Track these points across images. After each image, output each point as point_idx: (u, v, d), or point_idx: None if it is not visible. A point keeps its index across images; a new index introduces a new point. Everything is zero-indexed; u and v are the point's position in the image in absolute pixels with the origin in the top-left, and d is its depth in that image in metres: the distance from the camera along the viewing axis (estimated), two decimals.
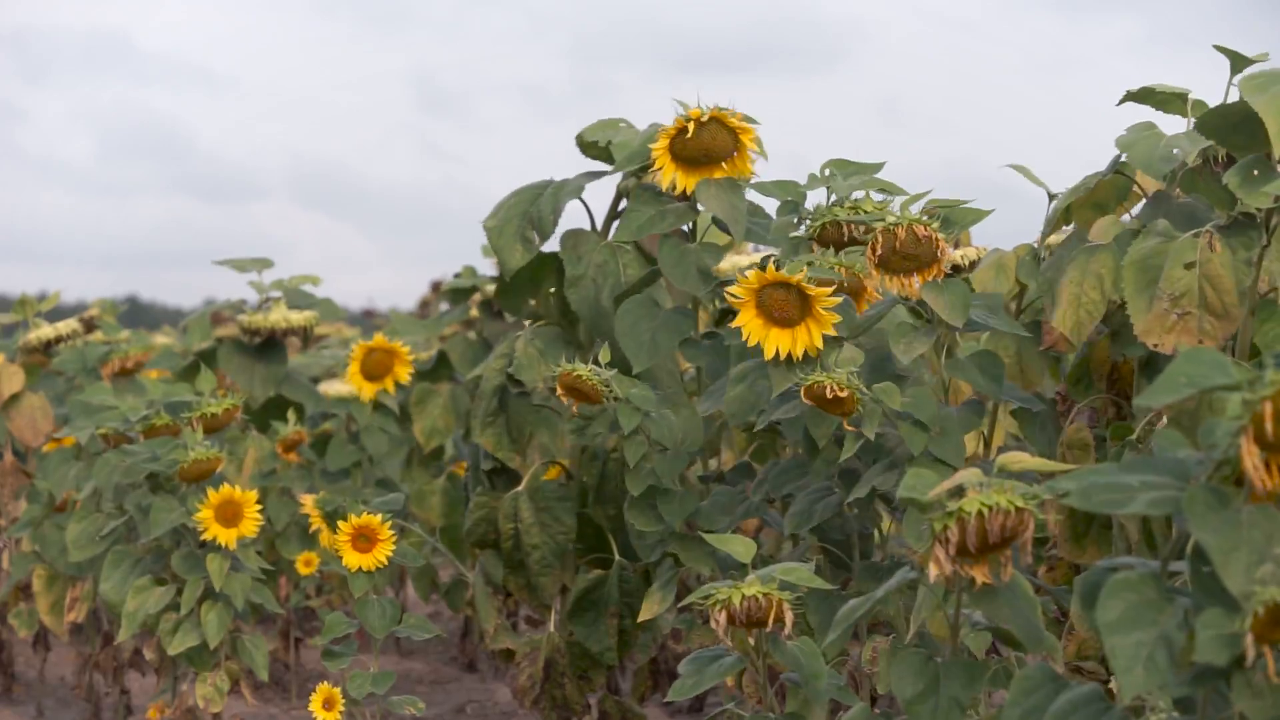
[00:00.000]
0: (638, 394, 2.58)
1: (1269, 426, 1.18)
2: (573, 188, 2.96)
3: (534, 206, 2.95)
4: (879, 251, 2.11)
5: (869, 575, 2.26)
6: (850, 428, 2.18)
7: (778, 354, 2.23)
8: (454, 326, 4.62)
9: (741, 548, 1.89)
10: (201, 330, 4.26)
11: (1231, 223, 2.02)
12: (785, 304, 2.22)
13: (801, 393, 2.14)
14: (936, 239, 2.11)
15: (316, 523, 2.88)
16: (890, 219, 2.11)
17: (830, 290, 2.20)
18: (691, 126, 2.62)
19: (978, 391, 2.23)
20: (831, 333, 2.21)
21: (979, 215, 2.31)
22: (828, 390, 2.10)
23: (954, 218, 2.29)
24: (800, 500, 2.34)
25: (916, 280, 2.13)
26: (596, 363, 2.60)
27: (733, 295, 2.24)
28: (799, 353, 2.22)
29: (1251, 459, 1.19)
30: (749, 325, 2.24)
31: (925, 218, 2.12)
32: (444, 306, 4.95)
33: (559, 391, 2.62)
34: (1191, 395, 1.23)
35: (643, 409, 2.58)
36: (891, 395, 2.11)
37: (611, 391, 2.57)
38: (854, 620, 1.71)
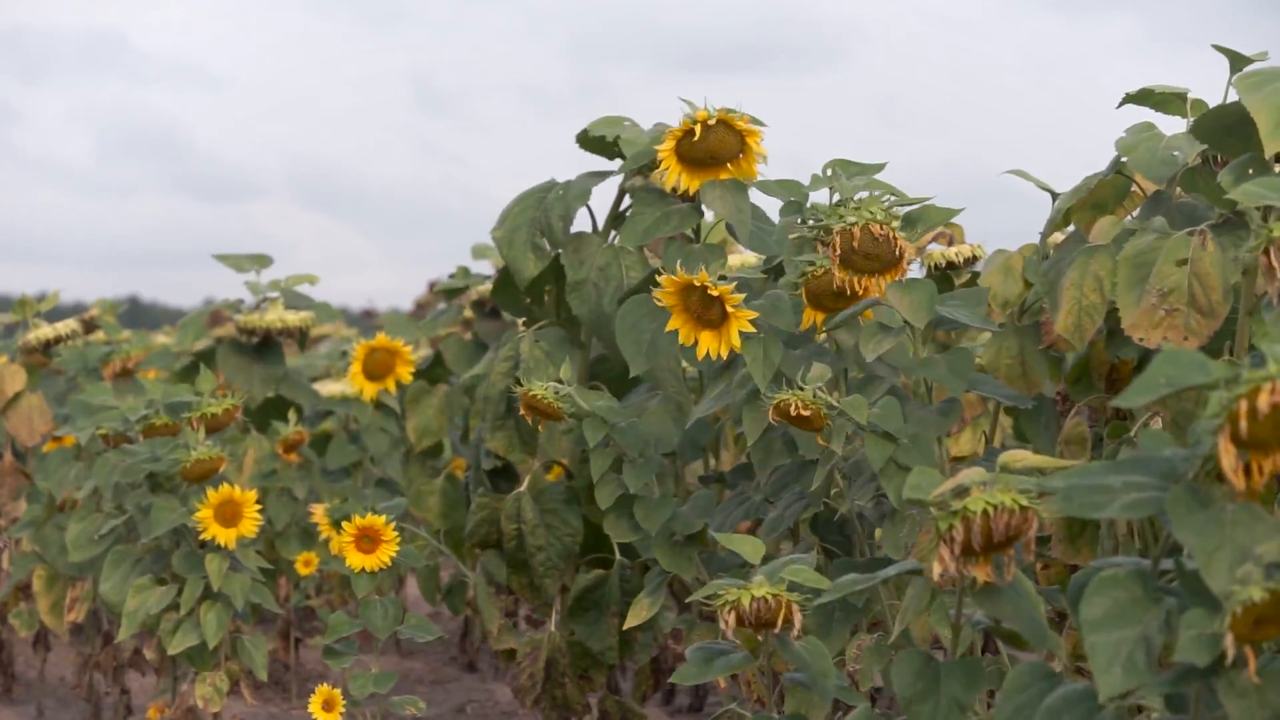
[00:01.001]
0: (603, 406, 2.57)
1: (1244, 424, 1.18)
2: (579, 192, 2.94)
3: (541, 212, 2.94)
4: (839, 251, 2.08)
5: (847, 571, 2.23)
6: (823, 442, 2.17)
7: (708, 356, 2.24)
8: (450, 327, 4.62)
9: (750, 549, 1.88)
10: (196, 330, 4.26)
11: (1223, 221, 2.02)
12: (702, 306, 2.24)
13: (770, 411, 2.13)
14: (894, 238, 2.07)
15: (326, 532, 2.90)
16: (849, 219, 2.09)
17: (733, 287, 2.21)
18: (699, 129, 2.61)
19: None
20: (748, 329, 2.22)
21: (947, 214, 2.28)
22: (792, 408, 2.09)
23: (920, 216, 2.27)
24: (779, 504, 2.35)
25: (883, 280, 2.10)
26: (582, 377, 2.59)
27: (658, 300, 2.25)
28: (725, 352, 2.24)
29: (1228, 457, 1.19)
30: (683, 328, 2.26)
31: (881, 217, 2.08)
32: (441, 306, 4.95)
33: (522, 409, 2.62)
34: (1172, 394, 1.22)
35: (609, 421, 2.57)
36: (859, 409, 2.07)
37: (574, 407, 2.56)
38: (853, 590, 1.69)
